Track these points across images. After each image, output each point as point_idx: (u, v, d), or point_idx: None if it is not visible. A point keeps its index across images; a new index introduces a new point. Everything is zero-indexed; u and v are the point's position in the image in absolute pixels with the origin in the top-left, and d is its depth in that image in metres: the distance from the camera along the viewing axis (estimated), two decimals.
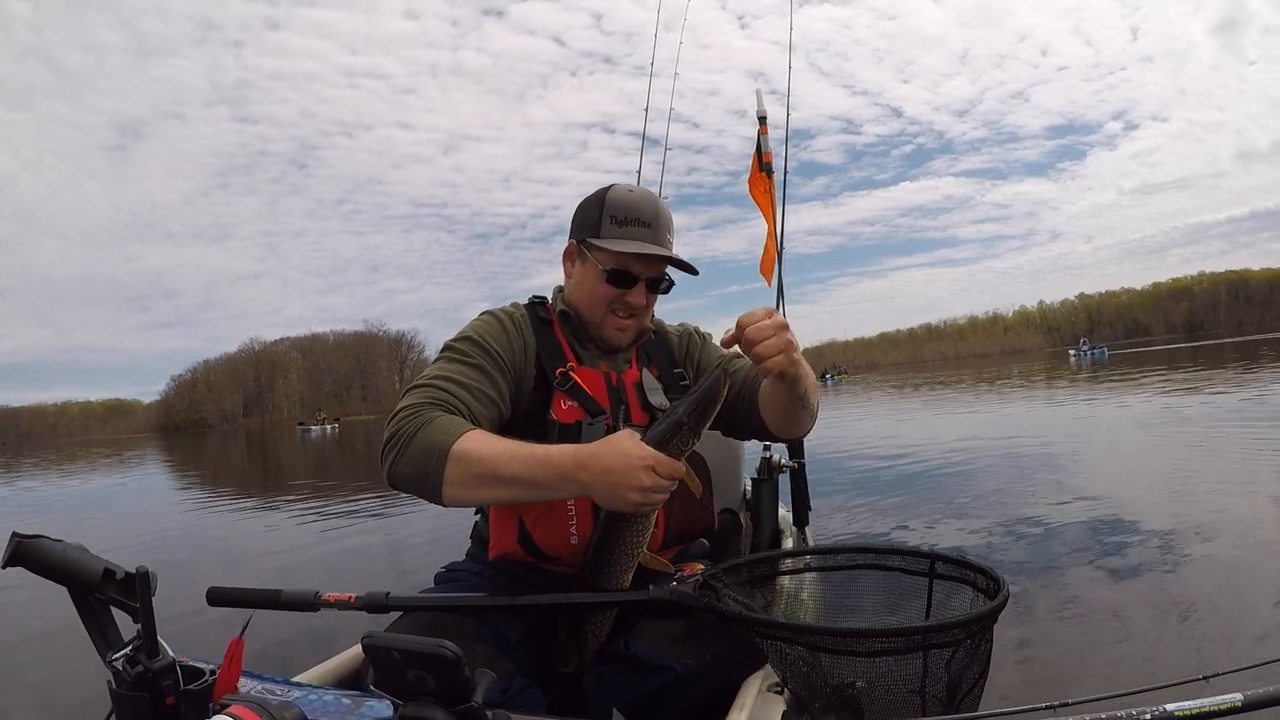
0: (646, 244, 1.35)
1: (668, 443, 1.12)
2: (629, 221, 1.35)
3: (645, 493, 1.06)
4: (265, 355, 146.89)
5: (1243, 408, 10.18)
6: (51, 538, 0.80)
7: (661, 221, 1.38)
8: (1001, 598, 0.92)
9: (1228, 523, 4.27)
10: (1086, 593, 3.33)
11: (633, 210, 1.36)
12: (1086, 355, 42.32)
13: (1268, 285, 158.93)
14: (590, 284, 1.38)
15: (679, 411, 1.14)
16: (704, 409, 1.14)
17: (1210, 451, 6.88)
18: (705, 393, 1.14)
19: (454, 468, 1.08)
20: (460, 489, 1.09)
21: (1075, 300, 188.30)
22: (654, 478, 1.06)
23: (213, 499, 11.37)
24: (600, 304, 1.38)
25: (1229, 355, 27.04)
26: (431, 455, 1.09)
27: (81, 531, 8.36)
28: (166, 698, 0.71)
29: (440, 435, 1.11)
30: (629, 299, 1.37)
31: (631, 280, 1.36)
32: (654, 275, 1.39)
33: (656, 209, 1.38)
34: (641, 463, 1.05)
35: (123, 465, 23.74)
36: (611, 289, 1.36)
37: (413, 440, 1.12)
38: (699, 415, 1.14)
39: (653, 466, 1.06)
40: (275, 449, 29.45)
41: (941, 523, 5.08)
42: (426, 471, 1.10)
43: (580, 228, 1.40)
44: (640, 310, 1.40)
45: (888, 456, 8.61)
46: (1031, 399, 16.95)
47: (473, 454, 1.08)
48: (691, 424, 1.13)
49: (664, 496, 1.09)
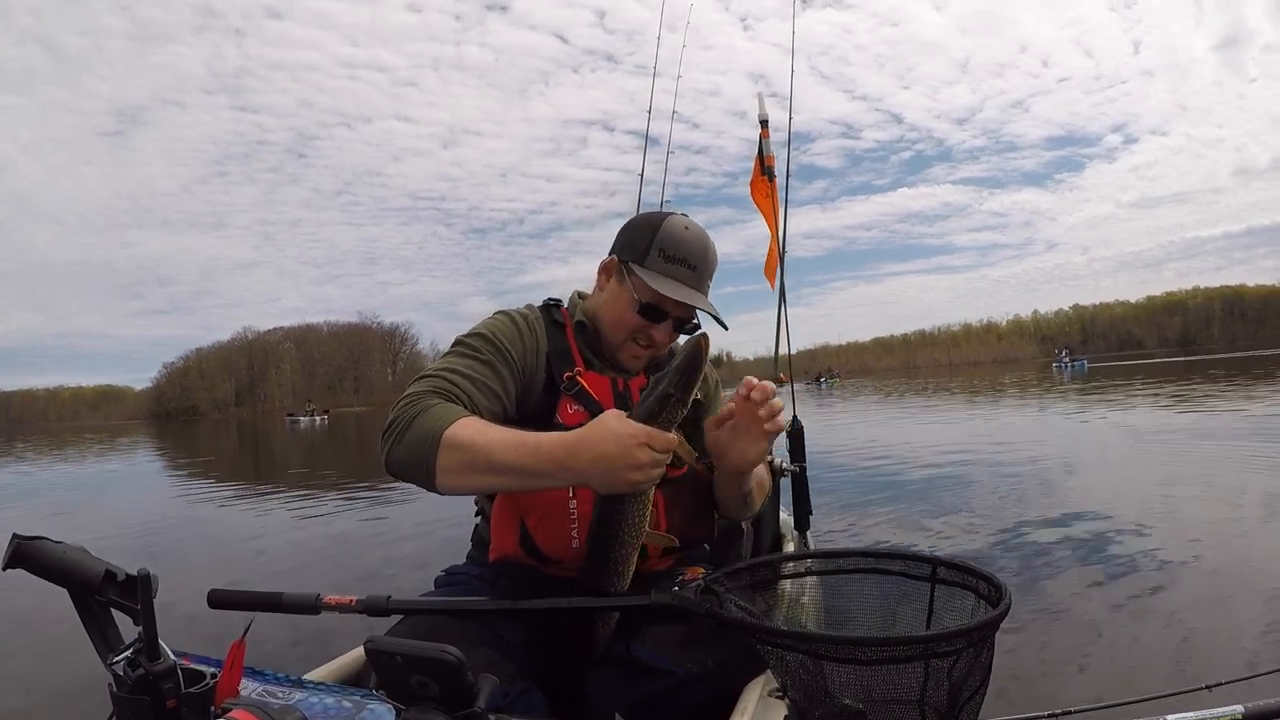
0: (687, 287, 1.32)
1: (657, 416, 1.09)
2: (677, 260, 1.33)
3: (643, 470, 1.04)
4: (259, 344, 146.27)
5: (1198, 421, 10.37)
6: (52, 539, 0.79)
7: (708, 268, 1.36)
8: (1004, 606, 0.92)
9: (1218, 532, 4.31)
10: (1077, 598, 3.34)
11: (683, 248, 1.33)
12: (1066, 367, 43.77)
13: (1262, 302, 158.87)
14: (620, 308, 1.35)
15: (664, 383, 1.11)
16: (688, 376, 1.11)
17: (1179, 461, 7.01)
18: (688, 359, 1.11)
19: (446, 454, 1.07)
20: (453, 476, 1.08)
21: (1069, 311, 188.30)
22: (649, 453, 1.04)
23: (205, 489, 11.33)
24: (624, 330, 1.36)
25: (1198, 370, 27.58)
26: (425, 441, 1.08)
27: (65, 522, 8.34)
28: (167, 701, 0.70)
29: (435, 421, 1.10)
30: (654, 333, 1.36)
31: (661, 316, 1.35)
32: (684, 316, 1.37)
33: (705, 252, 1.36)
34: (635, 440, 1.03)
35: (113, 452, 23.60)
36: (640, 320, 1.34)
37: (410, 427, 1.11)
38: (684, 384, 1.11)
39: (646, 442, 1.04)
40: (267, 439, 29.34)
41: (933, 528, 5.11)
42: (420, 457, 1.09)
43: (625, 248, 1.37)
44: (660, 345, 1.39)
45: (872, 461, 8.65)
46: (1013, 408, 17.28)
47: (465, 440, 1.07)
48: (678, 394, 1.10)
49: (661, 471, 1.08)
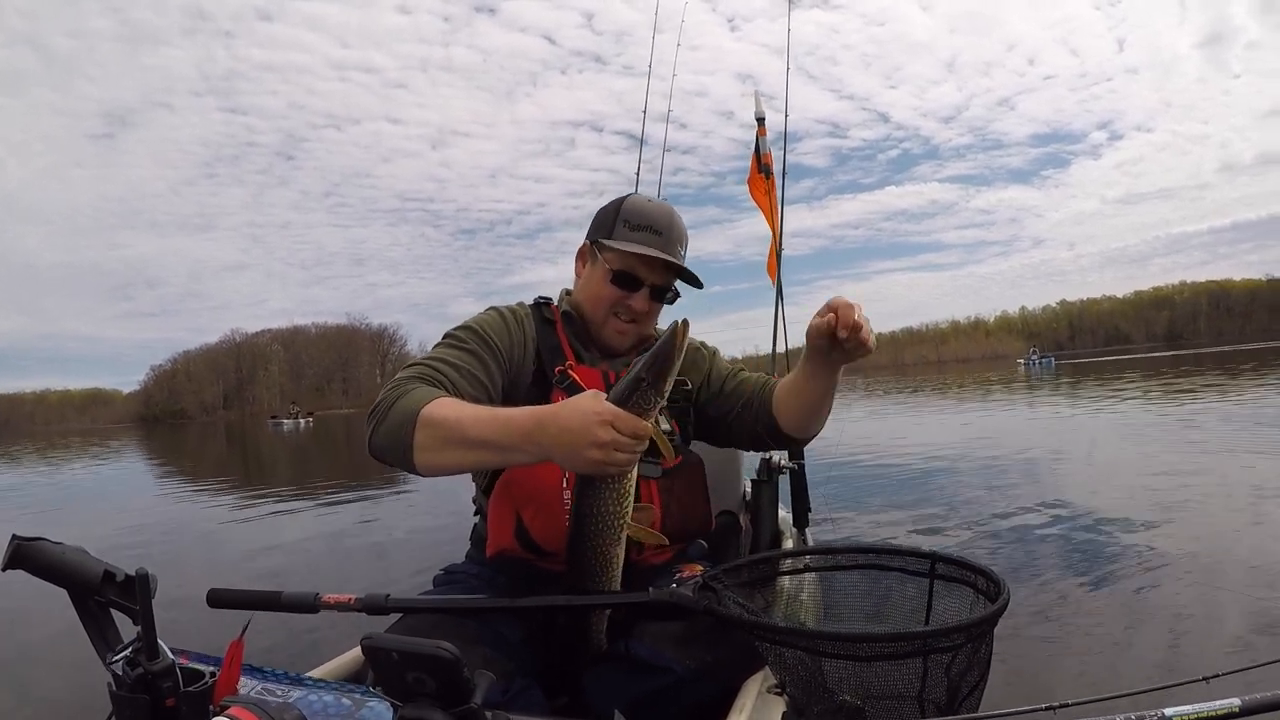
0: (655, 250, 1.36)
1: (627, 399, 1.07)
2: (642, 227, 1.38)
3: (604, 449, 1.01)
4: (246, 347, 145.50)
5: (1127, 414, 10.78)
6: (51, 540, 0.79)
7: (674, 233, 1.41)
8: (1002, 601, 0.92)
9: (1209, 523, 4.35)
10: (1069, 592, 3.37)
11: (647, 217, 1.39)
12: (1035, 365, 46.24)
13: (1248, 296, 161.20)
14: (596, 284, 1.40)
15: (638, 367, 1.10)
16: (662, 363, 1.10)
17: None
18: (663, 344, 1.10)
19: (423, 432, 1.10)
20: (430, 454, 1.10)
21: (1057, 307, 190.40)
22: (611, 433, 1.01)
23: (195, 492, 11.23)
24: (603, 305, 1.39)
25: (1168, 364, 28.15)
26: (404, 421, 1.11)
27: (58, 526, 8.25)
28: (166, 699, 0.70)
29: (413, 402, 1.13)
30: (631, 303, 1.39)
31: (636, 284, 1.38)
32: (659, 283, 1.40)
33: (671, 220, 1.41)
34: (598, 418, 1.01)
35: (101, 459, 23.35)
36: (616, 290, 1.38)
37: (390, 410, 1.14)
38: (657, 370, 1.09)
39: (610, 422, 1.01)
40: (255, 442, 29.13)
41: (926, 523, 5.13)
42: (399, 437, 1.11)
43: (595, 229, 1.44)
44: (641, 316, 1.42)
45: (869, 457, 8.70)
46: (979, 405, 17.90)
47: (439, 418, 1.10)
48: (650, 379, 1.08)
49: (627, 457, 1.04)
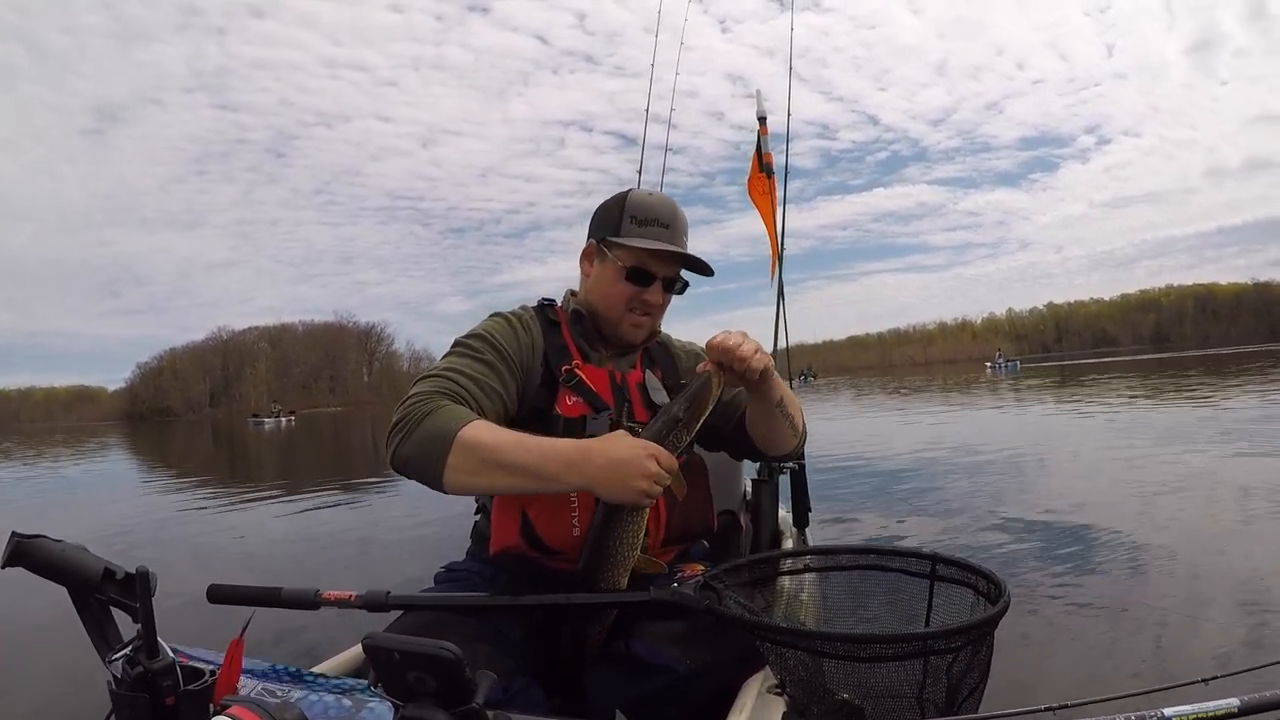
0: (665, 244, 1.38)
1: (664, 438, 1.16)
2: (649, 222, 1.40)
3: (650, 480, 1.10)
4: (233, 344, 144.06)
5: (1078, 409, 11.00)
6: (51, 537, 0.79)
7: (680, 224, 1.44)
8: (1003, 603, 0.93)
9: (1204, 529, 4.40)
10: (1064, 594, 3.38)
11: (652, 211, 1.41)
12: (1002, 367, 47.97)
13: (1234, 299, 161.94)
14: (609, 282, 1.41)
15: (675, 408, 1.19)
16: (697, 405, 1.19)
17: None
18: (700, 386, 1.20)
19: (459, 455, 1.11)
20: (463, 475, 1.12)
21: (1044, 309, 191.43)
22: (657, 466, 1.10)
23: (186, 491, 11.13)
24: (619, 302, 1.41)
25: (1143, 368, 28.58)
26: (437, 440, 1.12)
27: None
28: (166, 698, 0.70)
29: (448, 421, 1.14)
30: (646, 297, 1.41)
31: (649, 279, 1.40)
32: (670, 275, 1.43)
33: (674, 211, 1.43)
34: (647, 451, 1.11)
35: (81, 457, 23.10)
36: (630, 287, 1.39)
37: (420, 425, 1.14)
38: (693, 411, 1.18)
39: (655, 455, 1.11)
40: (242, 441, 28.90)
41: (920, 522, 5.16)
42: (431, 455, 1.12)
43: (600, 228, 1.44)
44: (656, 309, 1.44)
45: (854, 458, 8.73)
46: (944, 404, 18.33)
47: (477, 441, 1.11)
48: (687, 419, 1.18)
49: (660, 490, 1.13)
